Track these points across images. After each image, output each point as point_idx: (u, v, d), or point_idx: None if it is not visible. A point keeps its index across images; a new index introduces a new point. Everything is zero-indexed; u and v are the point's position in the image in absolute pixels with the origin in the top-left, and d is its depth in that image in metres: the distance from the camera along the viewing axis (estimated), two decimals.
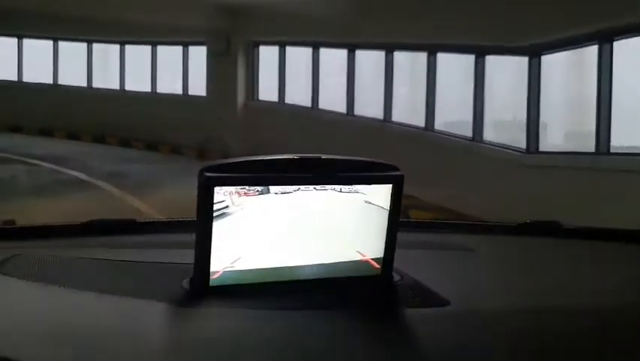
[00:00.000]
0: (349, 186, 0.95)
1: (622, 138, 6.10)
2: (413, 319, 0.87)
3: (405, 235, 1.01)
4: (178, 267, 0.98)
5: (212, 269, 0.91)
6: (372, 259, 0.98)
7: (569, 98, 6.96)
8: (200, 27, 12.32)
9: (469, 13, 7.23)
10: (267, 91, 12.34)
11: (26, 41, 15.63)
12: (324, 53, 10.91)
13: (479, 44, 7.51)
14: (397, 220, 0.97)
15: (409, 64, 9.21)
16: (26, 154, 11.91)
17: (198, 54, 13.46)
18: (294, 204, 0.93)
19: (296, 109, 11.46)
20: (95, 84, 15.17)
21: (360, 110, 10.15)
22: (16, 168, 10.92)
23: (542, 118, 6.98)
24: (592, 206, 5.43)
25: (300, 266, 0.95)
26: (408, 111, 9.15)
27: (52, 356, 0.71)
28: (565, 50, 6.71)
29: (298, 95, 11.55)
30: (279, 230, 0.94)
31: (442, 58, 8.38)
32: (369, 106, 9.89)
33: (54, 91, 15.23)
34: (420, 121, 8.64)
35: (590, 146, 6.25)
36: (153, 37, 13.75)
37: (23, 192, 9.29)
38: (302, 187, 0.93)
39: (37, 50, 15.48)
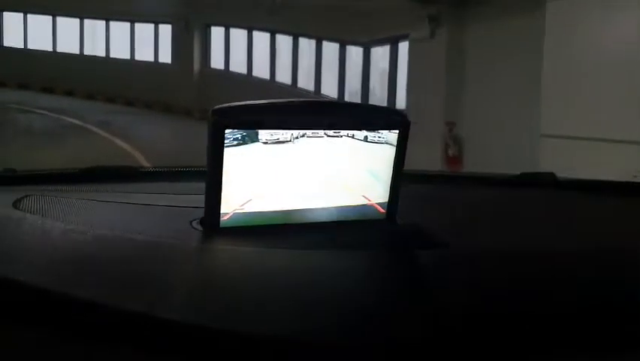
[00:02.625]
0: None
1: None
2: (415, 260, 0.86)
3: (407, 184, 0.98)
4: (185, 210, 0.95)
5: (222, 211, 0.87)
6: (377, 203, 0.96)
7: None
8: (166, 12, 15.11)
9: (335, 19, 10.74)
10: (217, 61, 15.26)
11: (30, 16, 17.55)
12: (256, 35, 14.05)
13: (341, 38, 11.05)
14: (402, 165, 0.94)
15: (308, 49, 12.49)
16: (35, 106, 13.75)
17: (166, 31, 15.87)
18: (301, 150, 0.88)
19: (236, 75, 14.49)
20: (86, 52, 17.05)
21: (279, 77, 13.48)
22: (30, 117, 12.77)
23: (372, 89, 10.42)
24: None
25: (309, 209, 0.91)
26: (309, 80, 12.51)
27: (74, 282, 0.68)
28: (380, 46, 10.08)
29: (238, 64, 14.62)
30: (287, 175, 0.89)
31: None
32: (284, 75, 13.26)
33: (53, 57, 17.02)
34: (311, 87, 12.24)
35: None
36: (131, 17, 15.86)
37: (38, 132, 11.16)
38: (309, 132, 0.87)
39: (39, 23, 17.29)
